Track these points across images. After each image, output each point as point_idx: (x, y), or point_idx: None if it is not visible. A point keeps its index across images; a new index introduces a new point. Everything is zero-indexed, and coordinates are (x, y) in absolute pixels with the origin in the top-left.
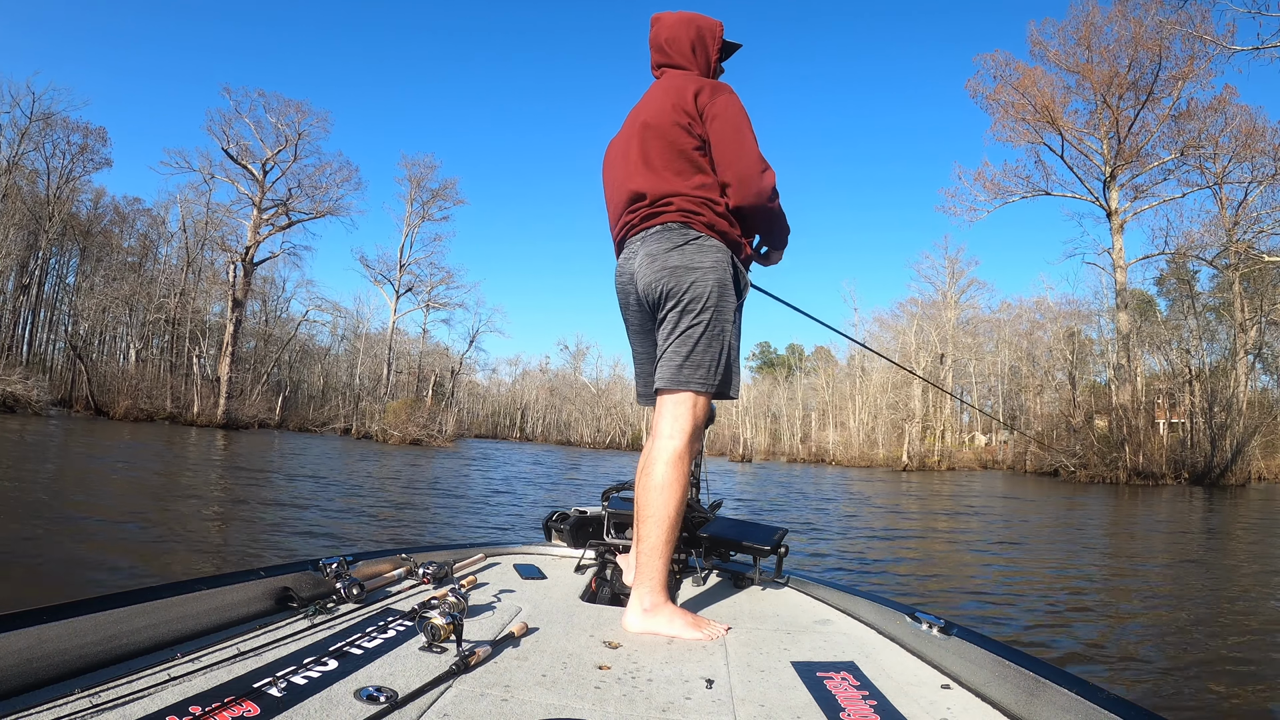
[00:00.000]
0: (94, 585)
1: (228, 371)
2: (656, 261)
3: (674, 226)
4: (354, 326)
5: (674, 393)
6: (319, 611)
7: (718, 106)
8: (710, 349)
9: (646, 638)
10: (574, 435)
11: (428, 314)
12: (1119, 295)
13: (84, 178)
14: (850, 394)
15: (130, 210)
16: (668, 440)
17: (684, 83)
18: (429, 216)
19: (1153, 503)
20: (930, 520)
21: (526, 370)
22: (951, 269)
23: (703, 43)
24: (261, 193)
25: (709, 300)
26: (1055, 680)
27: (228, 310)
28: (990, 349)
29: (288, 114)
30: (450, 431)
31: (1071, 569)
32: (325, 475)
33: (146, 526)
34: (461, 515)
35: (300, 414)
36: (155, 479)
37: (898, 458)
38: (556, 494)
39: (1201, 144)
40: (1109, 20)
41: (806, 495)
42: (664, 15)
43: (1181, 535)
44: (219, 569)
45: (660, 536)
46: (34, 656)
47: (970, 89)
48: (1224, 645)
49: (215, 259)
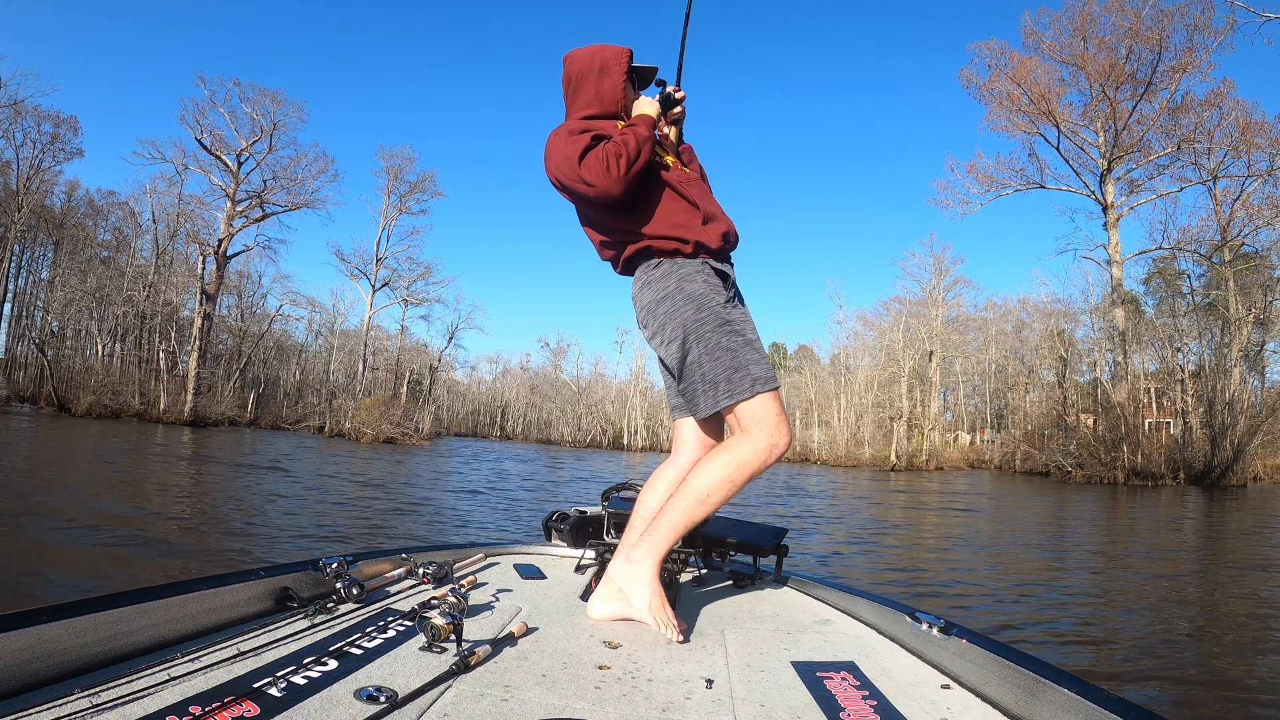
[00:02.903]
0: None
1: (195, 367)
2: (638, 303)
3: (647, 265)
4: (330, 322)
5: (732, 410)
6: (319, 611)
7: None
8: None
9: (647, 637)
10: (554, 434)
11: (406, 310)
12: (1115, 291)
13: (55, 168)
14: (834, 392)
15: (105, 203)
16: (744, 438)
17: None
18: (406, 209)
19: (1155, 504)
20: (931, 522)
21: (507, 368)
22: (938, 266)
23: (606, 72)
24: (235, 184)
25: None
26: (1055, 680)
27: (197, 304)
28: (975, 349)
29: (263, 104)
30: (427, 430)
31: (1082, 570)
32: (262, 476)
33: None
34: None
35: (274, 411)
36: (80, 477)
37: (885, 457)
38: (516, 512)
39: (1197, 138)
40: (1106, 10)
41: (797, 496)
42: (573, 52)
43: (1195, 538)
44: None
45: (686, 509)
46: (34, 656)
47: (964, 79)
48: (1224, 645)
49: (189, 252)
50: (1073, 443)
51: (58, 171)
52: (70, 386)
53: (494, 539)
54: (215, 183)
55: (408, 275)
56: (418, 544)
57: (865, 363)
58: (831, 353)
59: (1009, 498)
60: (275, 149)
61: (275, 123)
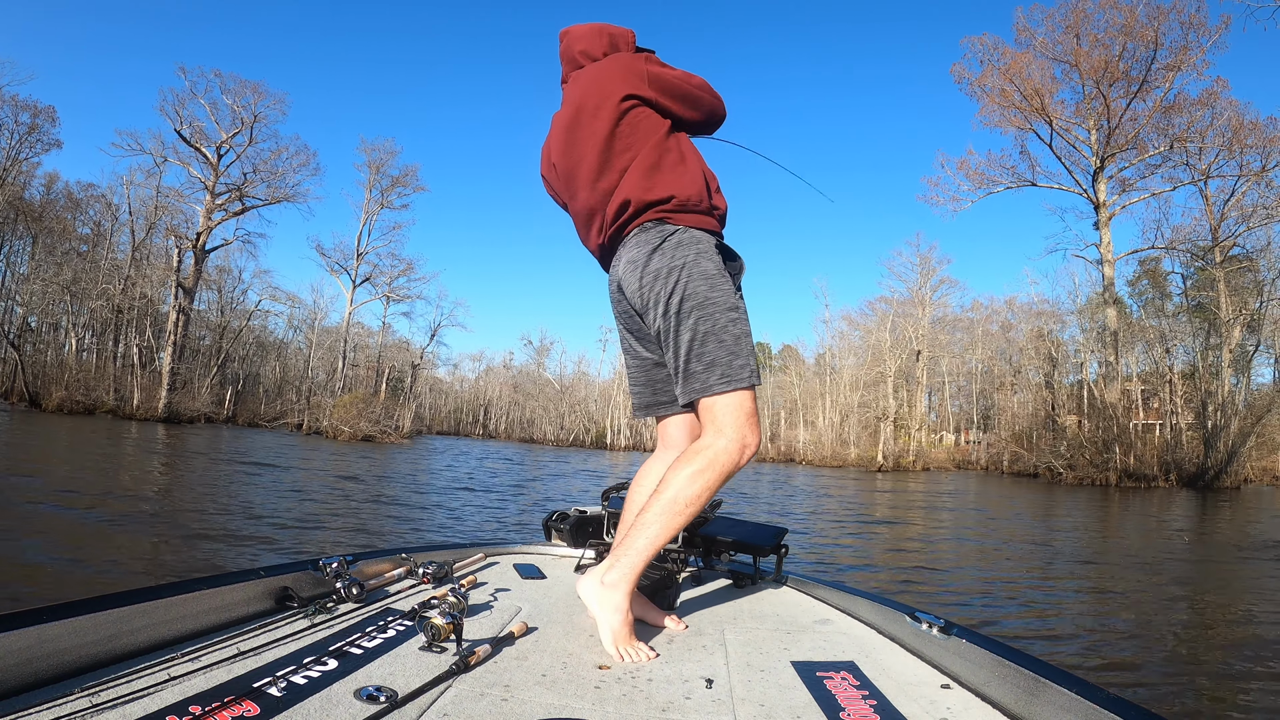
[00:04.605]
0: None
1: (170, 362)
2: (641, 268)
3: (649, 226)
4: (311, 318)
5: (713, 397)
6: (319, 611)
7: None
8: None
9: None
10: (537, 433)
11: (388, 306)
12: (1106, 290)
13: (33, 159)
14: (820, 392)
15: (84, 196)
16: (715, 437)
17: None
18: (388, 204)
19: (1154, 506)
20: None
21: (490, 366)
22: (924, 266)
23: (615, 49)
24: (215, 177)
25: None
26: (1055, 680)
27: (172, 298)
28: (960, 349)
29: (244, 95)
30: (407, 428)
31: (1079, 572)
32: (214, 474)
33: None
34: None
35: (252, 408)
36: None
37: (872, 458)
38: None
39: (1189, 138)
40: (1100, 7)
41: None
42: (572, 28)
43: (1210, 541)
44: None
45: (660, 520)
46: (34, 656)
47: (956, 74)
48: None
49: (167, 245)
50: (1063, 444)
51: (36, 163)
52: (44, 382)
53: (494, 539)
54: (194, 175)
55: (389, 271)
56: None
57: (850, 362)
58: (816, 352)
59: (1003, 500)
60: (256, 141)
61: (256, 115)
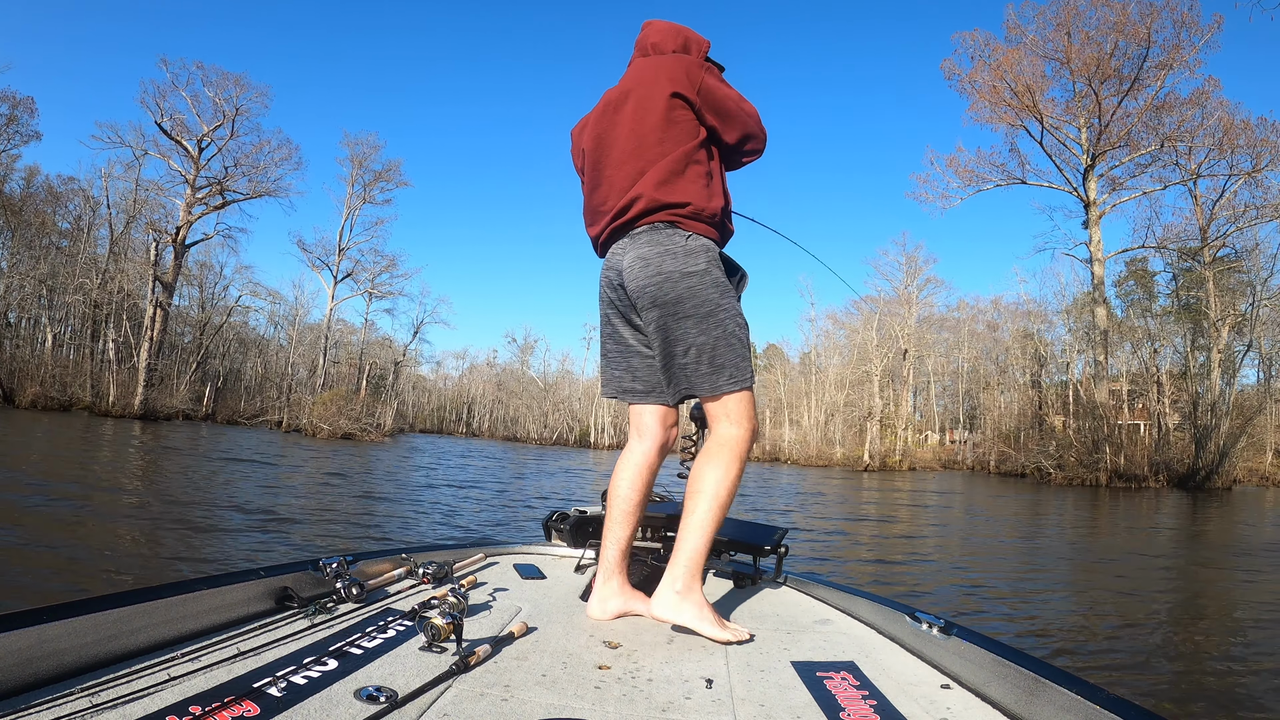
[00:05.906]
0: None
1: (147, 359)
2: (652, 267)
3: (661, 227)
4: (292, 314)
5: (725, 396)
6: (319, 611)
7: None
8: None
9: (646, 637)
10: (521, 431)
11: (370, 303)
12: (1096, 289)
13: (12, 151)
14: (805, 391)
15: (65, 189)
16: (731, 428)
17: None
18: (370, 199)
19: (1147, 507)
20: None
21: (474, 364)
22: (910, 266)
23: (686, 51)
24: (196, 170)
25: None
26: (1055, 680)
27: (150, 293)
28: (944, 349)
29: (226, 88)
30: (389, 426)
31: (1078, 572)
32: (166, 477)
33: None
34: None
35: (231, 405)
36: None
37: (858, 457)
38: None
39: (1180, 137)
40: (1092, 4)
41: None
42: (655, 21)
43: (1186, 541)
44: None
45: (711, 515)
46: (34, 656)
47: (946, 69)
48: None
49: (147, 240)
50: (1052, 444)
51: (16, 155)
52: (18, 377)
53: (494, 539)
54: (175, 168)
55: (372, 267)
56: (417, 544)
57: (835, 361)
58: (802, 351)
59: (992, 500)
60: (238, 135)
61: (238, 108)
